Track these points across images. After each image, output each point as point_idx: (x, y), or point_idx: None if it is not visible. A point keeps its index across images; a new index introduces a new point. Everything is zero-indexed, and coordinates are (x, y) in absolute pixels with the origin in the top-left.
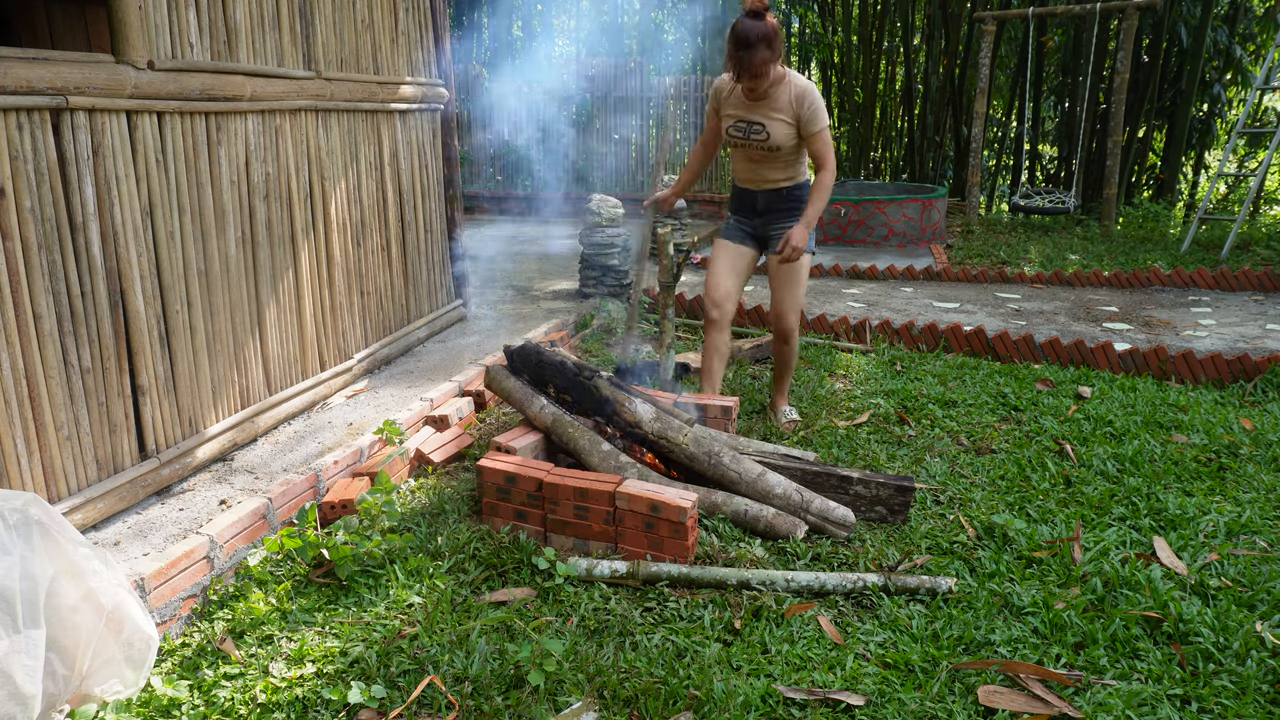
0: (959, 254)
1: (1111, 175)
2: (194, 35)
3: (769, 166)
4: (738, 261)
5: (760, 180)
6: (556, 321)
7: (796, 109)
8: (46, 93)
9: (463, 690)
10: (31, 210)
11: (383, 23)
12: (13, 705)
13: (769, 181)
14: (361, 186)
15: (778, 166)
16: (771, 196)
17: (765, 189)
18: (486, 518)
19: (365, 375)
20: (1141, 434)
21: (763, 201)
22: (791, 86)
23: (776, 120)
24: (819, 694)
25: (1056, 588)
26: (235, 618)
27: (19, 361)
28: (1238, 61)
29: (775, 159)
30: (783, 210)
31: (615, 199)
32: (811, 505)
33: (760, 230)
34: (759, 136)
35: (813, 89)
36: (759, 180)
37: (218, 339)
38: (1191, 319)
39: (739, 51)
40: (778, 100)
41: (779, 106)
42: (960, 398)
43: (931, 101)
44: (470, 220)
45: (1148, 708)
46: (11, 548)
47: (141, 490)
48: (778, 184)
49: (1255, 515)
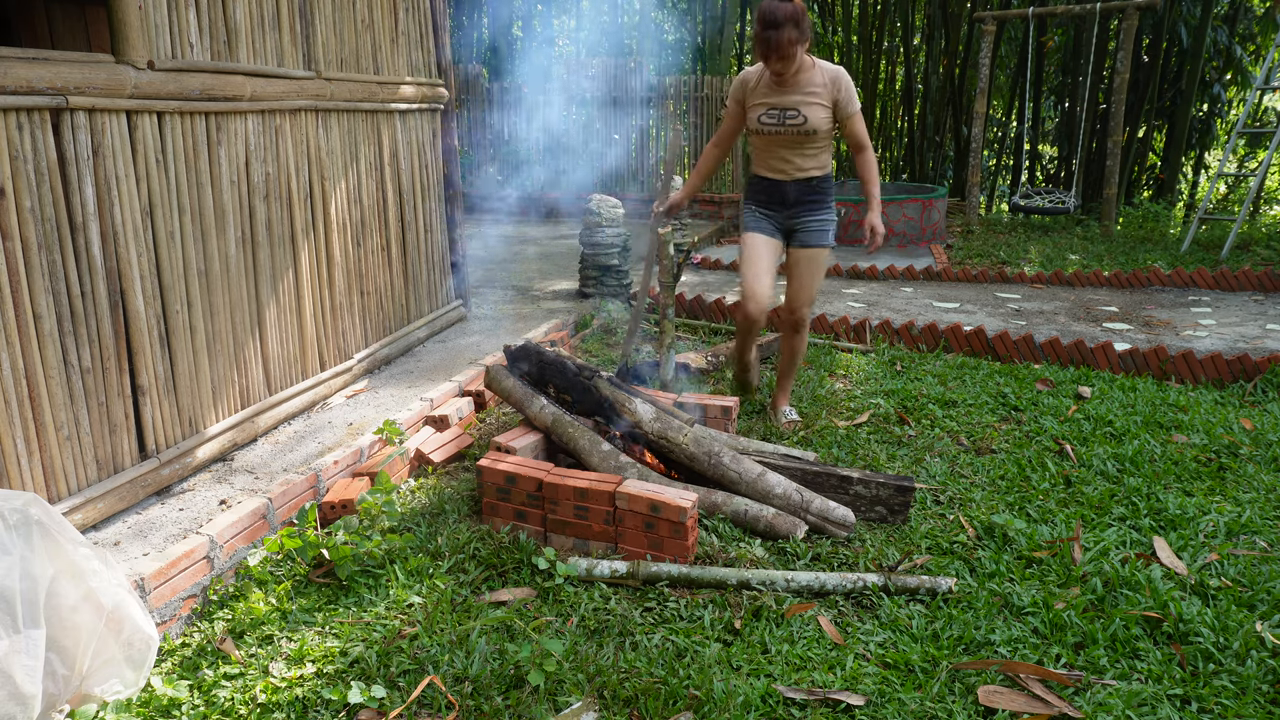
0: (959, 254)
1: (1111, 175)
2: (194, 35)
3: (802, 155)
4: (772, 256)
5: (792, 170)
6: (556, 321)
7: (834, 91)
8: (46, 93)
9: (463, 690)
10: (31, 210)
11: (383, 23)
12: (13, 705)
13: (801, 171)
14: (361, 186)
15: (810, 154)
16: (803, 188)
17: (797, 179)
18: (486, 518)
19: (365, 375)
20: (1141, 434)
21: (794, 193)
22: (824, 70)
23: (812, 104)
24: (819, 694)
25: (1056, 588)
26: (235, 618)
27: (19, 361)
28: (1238, 61)
29: (809, 146)
30: (811, 202)
31: (615, 199)
32: (811, 505)
33: (787, 223)
34: (795, 121)
35: (845, 72)
36: (791, 170)
37: (218, 339)
38: (1191, 319)
39: (766, 32)
40: (811, 83)
41: (813, 90)
42: (960, 398)
43: (931, 101)
44: (470, 220)
45: (1148, 708)
46: (11, 548)
47: (141, 490)
48: (809, 173)
49: (1255, 515)
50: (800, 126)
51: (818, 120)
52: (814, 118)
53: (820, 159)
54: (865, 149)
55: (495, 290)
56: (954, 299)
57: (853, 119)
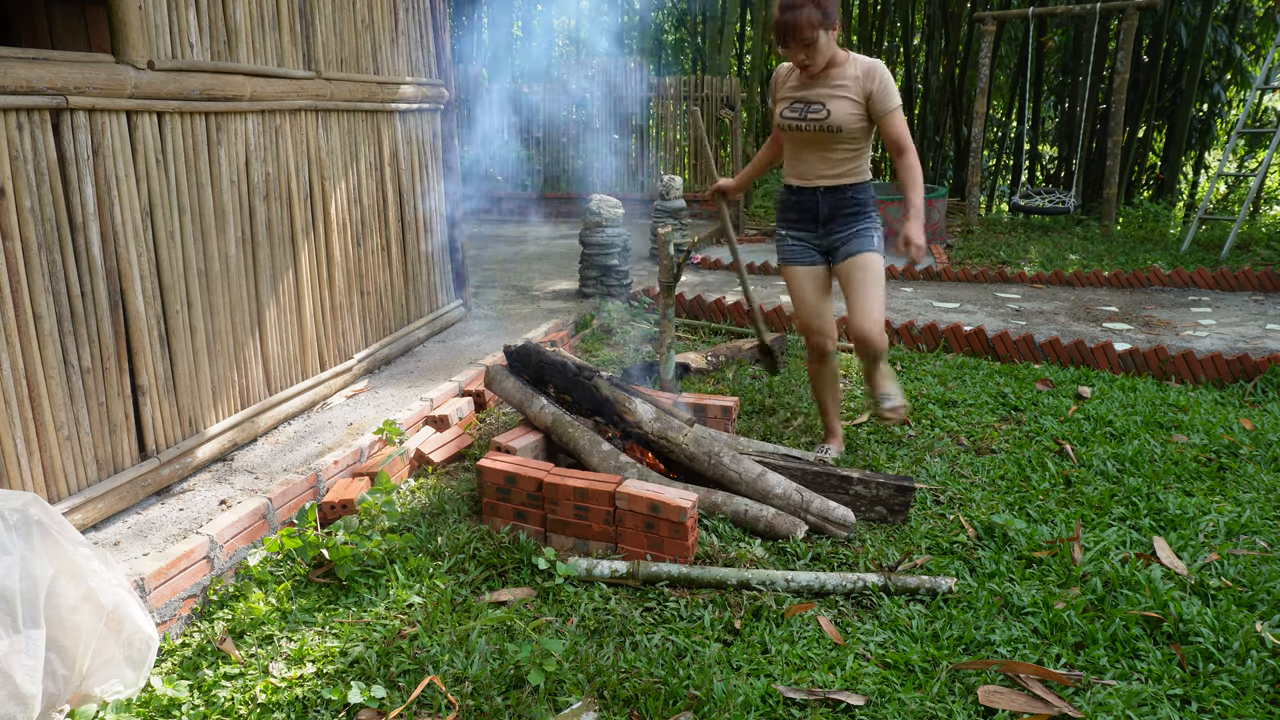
0: (959, 254)
1: (1111, 175)
2: (194, 35)
3: (827, 157)
4: (818, 284)
5: (817, 175)
6: (556, 321)
7: (866, 85)
8: (46, 93)
9: (463, 690)
10: (31, 210)
11: (383, 23)
12: (13, 705)
13: (827, 177)
14: (361, 186)
15: (837, 157)
16: (834, 200)
17: (825, 187)
18: (486, 518)
19: (365, 375)
20: (1141, 434)
21: (826, 207)
22: (858, 62)
23: (840, 97)
24: (819, 694)
25: (1056, 588)
26: (235, 618)
27: (19, 361)
28: (1238, 61)
29: (835, 146)
30: (846, 215)
31: (615, 199)
32: (811, 505)
33: (824, 241)
34: (817, 115)
35: (884, 66)
36: (816, 175)
37: (218, 339)
38: (1191, 319)
39: (784, 14)
40: (842, 76)
41: (843, 83)
42: (960, 398)
43: (931, 101)
44: (470, 220)
45: (1148, 708)
46: (11, 548)
47: (141, 490)
48: (838, 180)
49: (1255, 515)
50: (822, 121)
51: (843, 115)
52: (839, 112)
53: (852, 165)
54: (906, 151)
55: (495, 290)
56: (954, 299)
57: (889, 116)
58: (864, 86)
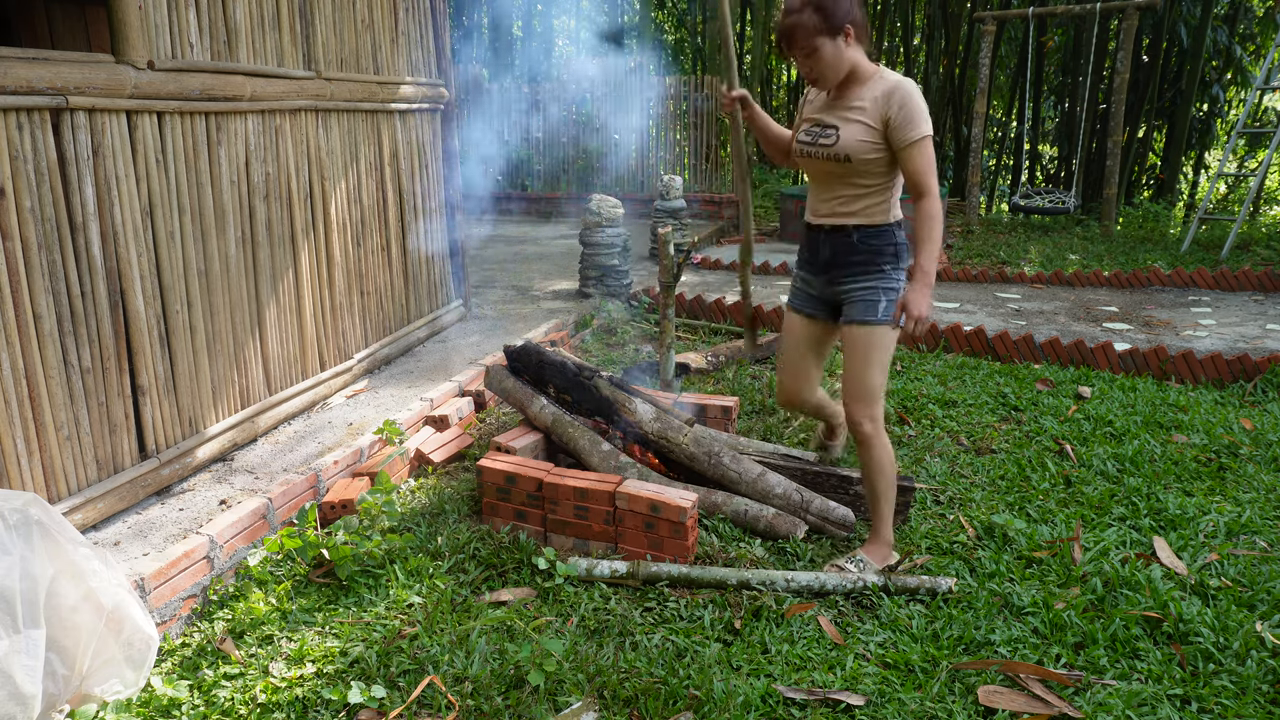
0: (959, 254)
1: (1111, 175)
2: (194, 35)
3: (837, 193)
4: (808, 342)
5: (824, 212)
6: (556, 321)
7: (885, 109)
8: (46, 93)
9: (463, 690)
10: (31, 210)
11: (383, 23)
12: (13, 705)
13: (834, 215)
14: (361, 186)
15: (847, 193)
16: (837, 243)
17: (830, 226)
18: (486, 518)
19: (365, 375)
20: (1141, 434)
21: (827, 250)
22: (882, 81)
23: (853, 121)
24: (819, 694)
25: (1056, 588)
26: (235, 618)
27: (19, 361)
28: (1238, 61)
29: (847, 180)
30: (854, 264)
31: (615, 199)
32: (811, 505)
33: (825, 292)
34: (827, 141)
35: (912, 86)
36: (823, 212)
37: (218, 339)
38: (1191, 319)
39: (783, 18)
40: (861, 97)
41: (860, 104)
42: (960, 398)
43: (931, 101)
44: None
45: (1148, 708)
46: (11, 548)
47: (141, 490)
48: (846, 220)
49: (1255, 515)
50: (830, 148)
51: (852, 142)
52: (847, 137)
53: (868, 204)
54: (925, 196)
55: (495, 290)
56: (954, 299)
57: (911, 149)
58: (882, 111)
